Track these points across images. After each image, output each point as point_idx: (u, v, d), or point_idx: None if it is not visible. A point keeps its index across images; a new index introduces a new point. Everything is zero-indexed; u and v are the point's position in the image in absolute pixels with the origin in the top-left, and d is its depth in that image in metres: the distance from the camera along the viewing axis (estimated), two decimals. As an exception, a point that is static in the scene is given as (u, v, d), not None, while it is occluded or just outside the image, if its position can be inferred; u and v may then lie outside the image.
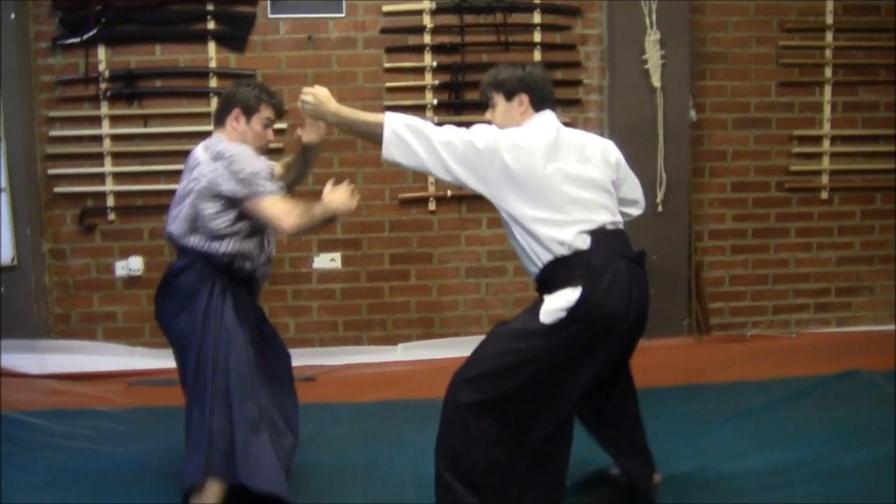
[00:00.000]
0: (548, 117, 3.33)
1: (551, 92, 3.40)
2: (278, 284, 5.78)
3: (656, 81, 5.63)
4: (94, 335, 5.81)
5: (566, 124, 3.44)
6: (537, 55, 5.78)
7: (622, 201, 3.43)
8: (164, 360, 3.99)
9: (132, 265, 5.75)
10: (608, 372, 3.23)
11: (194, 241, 3.38)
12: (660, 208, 5.69)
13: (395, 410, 4.79)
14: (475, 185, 3.17)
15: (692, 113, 5.81)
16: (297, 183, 3.95)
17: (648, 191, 5.60)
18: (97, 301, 5.82)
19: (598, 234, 3.14)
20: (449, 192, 5.83)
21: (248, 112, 3.50)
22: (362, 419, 4.66)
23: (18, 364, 5.41)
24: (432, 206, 5.88)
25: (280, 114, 3.65)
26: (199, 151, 3.44)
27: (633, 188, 3.52)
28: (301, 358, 5.50)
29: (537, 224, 3.12)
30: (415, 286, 5.96)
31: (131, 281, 5.79)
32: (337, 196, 3.33)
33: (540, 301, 3.15)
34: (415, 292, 5.96)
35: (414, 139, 3.15)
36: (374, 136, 3.22)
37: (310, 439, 4.32)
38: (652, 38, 5.59)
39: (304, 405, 4.81)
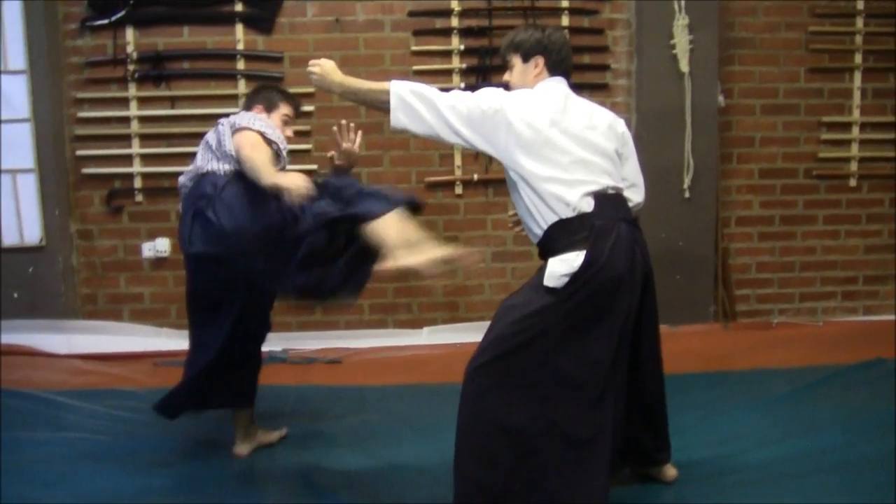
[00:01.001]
0: (559, 82, 3.33)
1: (568, 57, 3.39)
2: (304, 267, 5.78)
3: (684, 66, 5.60)
4: (120, 316, 5.86)
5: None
6: (565, 39, 5.75)
7: (623, 182, 3.37)
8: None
9: (159, 247, 5.78)
10: (626, 347, 3.18)
11: (233, 164, 3.50)
12: (687, 194, 5.68)
13: (420, 394, 4.80)
14: (483, 146, 3.18)
15: (720, 98, 5.77)
16: None
17: (675, 176, 5.65)
18: (124, 282, 5.86)
19: (601, 197, 3.13)
20: (476, 176, 5.83)
21: (270, 108, 3.81)
22: (387, 402, 4.67)
23: (46, 344, 5.47)
24: (459, 189, 5.88)
25: (297, 114, 3.95)
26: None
27: (635, 171, 3.45)
28: (327, 340, 5.57)
29: (544, 182, 3.10)
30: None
31: (158, 262, 5.83)
32: (292, 176, 3.23)
33: (542, 269, 3.13)
34: (441, 276, 5.94)
35: (420, 104, 3.15)
36: (381, 104, 3.23)
37: (335, 421, 4.35)
38: (680, 22, 5.56)
39: (330, 387, 4.88)
